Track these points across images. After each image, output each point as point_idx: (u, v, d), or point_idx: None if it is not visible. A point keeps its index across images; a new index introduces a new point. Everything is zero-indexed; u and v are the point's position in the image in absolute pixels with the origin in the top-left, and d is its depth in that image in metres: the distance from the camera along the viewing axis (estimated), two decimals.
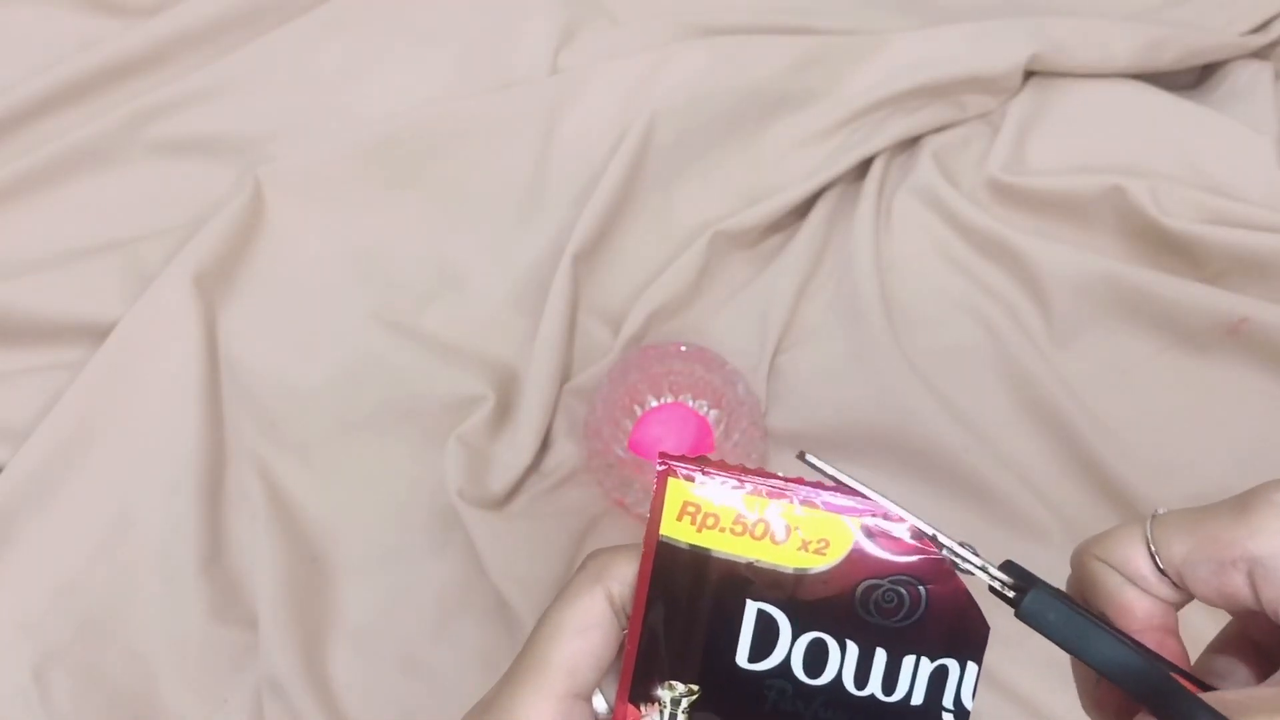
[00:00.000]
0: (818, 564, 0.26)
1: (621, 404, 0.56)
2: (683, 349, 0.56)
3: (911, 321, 0.58)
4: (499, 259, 0.61)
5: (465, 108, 0.62)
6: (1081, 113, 0.62)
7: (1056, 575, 0.50)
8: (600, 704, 0.28)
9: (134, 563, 0.53)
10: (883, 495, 0.26)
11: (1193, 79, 0.67)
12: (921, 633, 0.27)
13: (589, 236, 0.59)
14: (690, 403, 0.57)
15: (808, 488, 0.26)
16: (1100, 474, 0.52)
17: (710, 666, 0.27)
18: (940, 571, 0.26)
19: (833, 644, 0.27)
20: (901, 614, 0.27)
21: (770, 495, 0.26)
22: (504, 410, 0.57)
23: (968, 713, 0.27)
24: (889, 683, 0.27)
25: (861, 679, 0.27)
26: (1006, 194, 0.61)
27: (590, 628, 0.27)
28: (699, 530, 0.27)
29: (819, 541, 0.26)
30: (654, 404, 0.57)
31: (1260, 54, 0.65)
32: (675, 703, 0.27)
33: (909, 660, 0.27)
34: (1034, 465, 0.54)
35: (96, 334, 0.56)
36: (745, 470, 0.27)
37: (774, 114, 0.64)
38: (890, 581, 0.26)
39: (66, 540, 0.53)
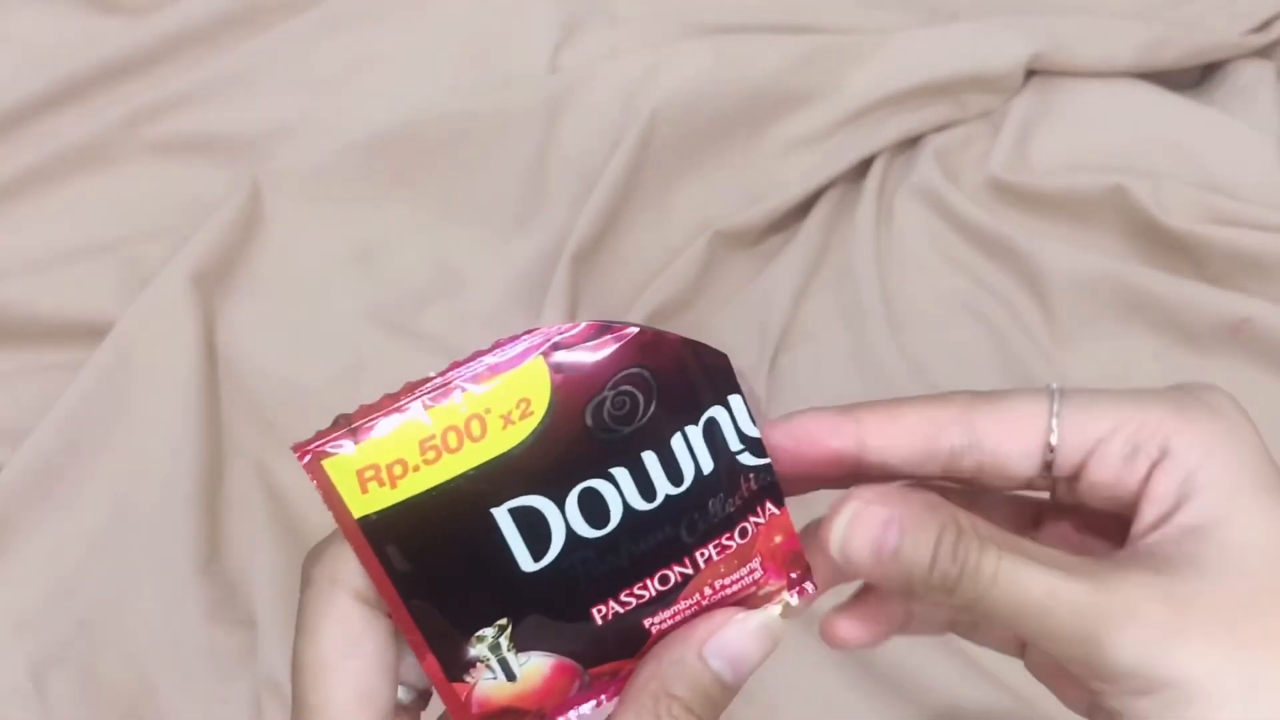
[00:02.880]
0: (532, 426, 0.23)
1: None
2: None
3: (912, 321, 0.58)
4: (498, 258, 0.61)
5: (465, 107, 0.62)
6: (1083, 112, 0.62)
7: None
8: (402, 694, 0.25)
9: (132, 563, 0.53)
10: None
11: (1195, 78, 0.67)
12: (670, 409, 0.24)
13: (589, 236, 0.59)
14: None
15: (469, 364, 0.23)
16: None
17: (504, 593, 0.24)
18: (646, 344, 0.23)
19: (600, 484, 0.24)
20: (641, 408, 0.24)
21: (438, 399, 0.23)
22: None
23: (757, 439, 0.25)
24: (674, 474, 0.24)
25: (648, 491, 0.24)
26: (1008, 193, 0.60)
27: (356, 643, 0.24)
28: (394, 486, 0.23)
29: (519, 405, 0.23)
30: None
31: (1263, 53, 0.65)
32: (495, 648, 0.24)
33: (677, 441, 0.24)
34: None
35: (95, 334, 0.56)
36: (399, 394, 0.23)
37: (774, 113, 0.64)
38: (610, 389, 0.23)
39: (64, 540, 0.53)
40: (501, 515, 0.23)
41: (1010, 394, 0.26)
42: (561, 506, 0.24)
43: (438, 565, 0.24)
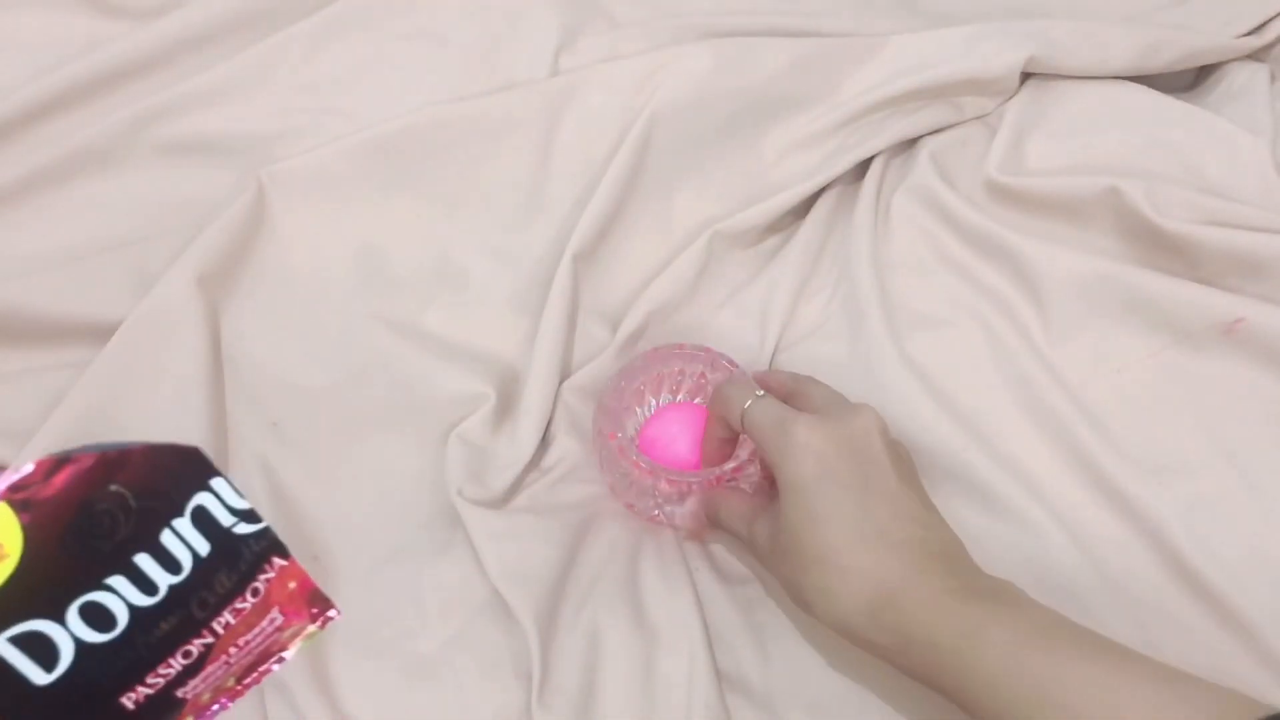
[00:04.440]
0: (11, 566, 0.24)
1: (629, 408, 0.56)
2: (686, 349, 0.56)
3: (909, 321, 0.59)
4: (500, 259, 0.62)
5: (466, 109, 0.63)
6: (1078, 114, 0.63)
7: (1056, 580, 0.50)
8: None
9: None
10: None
11: (1189, 81, 0.67)
12: (152, 511, 0.26)
13: (590, 236, 0.60)
14: (700, 403, 0.57)
15: None
16: (1097, 473, 0.53)
17: (26, 708, 0.26)
18: (110, 463, 0.25)
19: (99, 595, 0.26)
20: (122, 519, 0.25)
21: None
22: (505, 407, 0.57)
23: (249, 510, 0.28)
24: (171, 565, 0.27)
25: (149, 588, 0.26)
26: (1004, 195, 0.61)
27: None
28: None
29: None
30: (660, 403, 0.57)
31: (1257, 56, 0.66)
32: None
33: (167, 536, 0.26)
34: (1031, 464, 0.54)
35: (100, 334, 0.56)
36: None
37: (773, 115, 0.64)
38: (83, 512, 0.25)
39: None
40: (2, 645, 0.25)
41: (738, 386, 0.50)
42: (63, 623, 0.25)
43: None
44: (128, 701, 0.27)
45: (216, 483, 0.27)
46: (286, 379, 0.58)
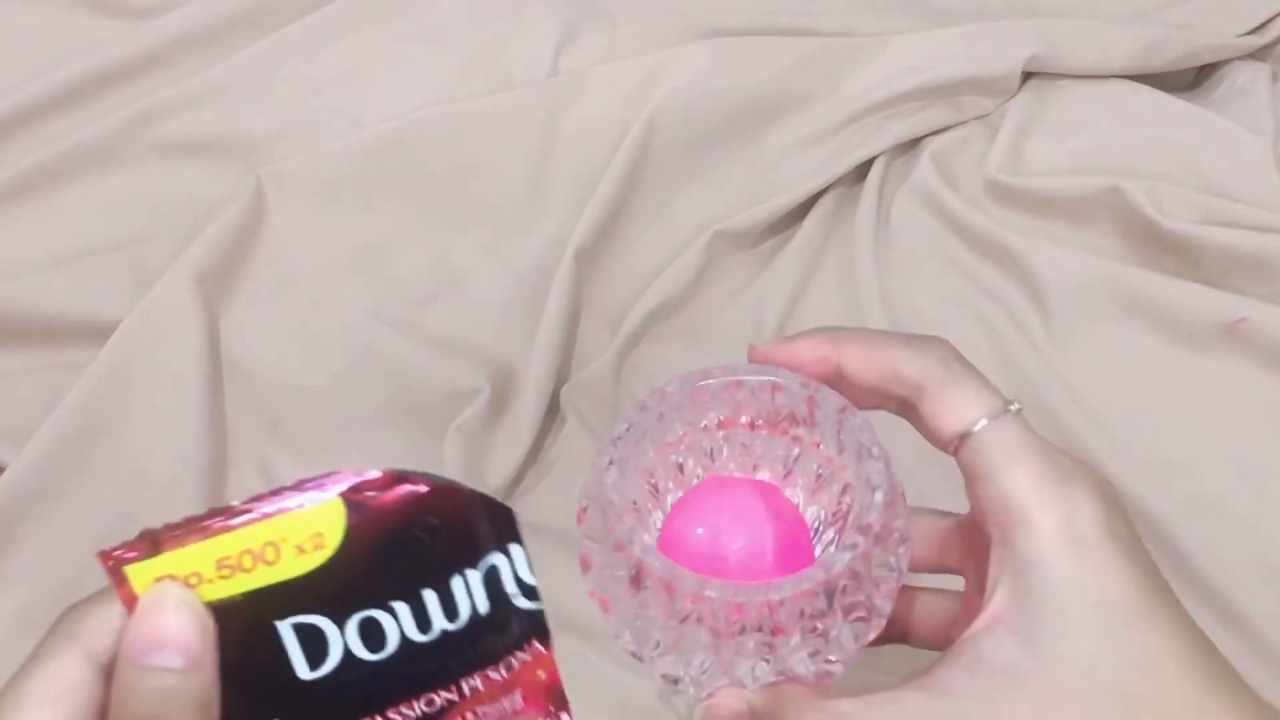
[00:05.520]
0: (324, 557, 0.26)
1: (644, 485, 0.34)
2: (721, 373, 0.34)
3: (910, 322, 0.59)
4: (500, 259, 0.62)
5: (466, 109, 0.63)
6: (1079, 114, 0.63)
7: None
8: None
9: None
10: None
11: (1190, 80, 0.67)
12: (453, 554, 0.27)
13: (590, 236, 0.60)
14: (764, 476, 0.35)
15: (273, 498, 0.26)
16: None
17: (281, 693, 0.27)
18: (438, 495, 0.26)
19: (380, 614, 0.27)
20: (426, 551, 0.26)
21: (238, 527, 0.25)
22: (503, 403, 0.57)
23: (533, 587, 0.28)
24: (450, 611, 0.27)
25: (424, 624, 0.27)
26: (1004, 195, 0.61)
27: (60, 696, 0.25)
28: None
29: (313, 538, 0.26)
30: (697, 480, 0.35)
31: (1258, 55, 0.66)
32: None
33: (457, 582, 0.27)
34: None
35: (99, 334, 0.56)
36: (204, 517, 0.26)
37: (774, 115, 0.64)
38: (399, 533, 0.26)
39: (69, 541, 0.53)
40: (284, 628, 0.26)
41: (967, 385, 0.32)
42: (342, 629, 0.27)
43: (224, 661, 0.26)
44: None
45: (514, 549, 0.28)
46: (286, 379, 0.58)
